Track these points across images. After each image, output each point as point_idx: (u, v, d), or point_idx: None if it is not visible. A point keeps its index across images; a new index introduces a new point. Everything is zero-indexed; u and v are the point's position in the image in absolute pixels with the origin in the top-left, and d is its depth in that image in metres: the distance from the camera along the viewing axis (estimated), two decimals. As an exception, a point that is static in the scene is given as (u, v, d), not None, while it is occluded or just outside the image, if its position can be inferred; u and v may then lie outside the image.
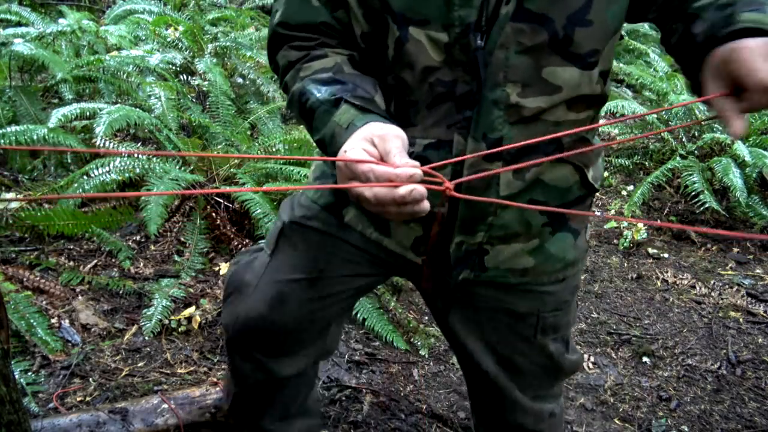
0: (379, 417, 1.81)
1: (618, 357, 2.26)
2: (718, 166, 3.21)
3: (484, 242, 0.97)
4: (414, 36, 0.85)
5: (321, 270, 1.06)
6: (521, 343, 1.09)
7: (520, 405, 1.15)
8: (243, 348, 1.14)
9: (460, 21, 0.82)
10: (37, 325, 1.81)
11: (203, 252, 2.32)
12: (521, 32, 0.82)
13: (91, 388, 1.73)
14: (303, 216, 1.06)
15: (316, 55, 0.92)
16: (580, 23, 0.83)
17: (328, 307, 1.10)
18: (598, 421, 1.94)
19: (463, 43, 0.83)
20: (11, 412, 0.98)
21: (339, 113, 0.83)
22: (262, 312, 1.07)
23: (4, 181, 2.43)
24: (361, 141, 0.77)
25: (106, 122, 2.20)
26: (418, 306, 2.39)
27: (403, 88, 0.91)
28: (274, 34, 0.96)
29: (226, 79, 3.04)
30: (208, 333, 2.03)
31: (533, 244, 0.99)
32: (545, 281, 1.04)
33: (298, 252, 1.07)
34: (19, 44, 2.61)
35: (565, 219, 1.01)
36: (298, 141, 2.69)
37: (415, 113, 0.91)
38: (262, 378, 1.16)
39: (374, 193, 0.72)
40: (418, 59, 0.86)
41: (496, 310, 1.07)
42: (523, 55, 0.84)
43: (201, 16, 3.83)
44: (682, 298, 2.69)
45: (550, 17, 0.82)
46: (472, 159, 0.88)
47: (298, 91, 0.90)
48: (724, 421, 1.98)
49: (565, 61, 0.86)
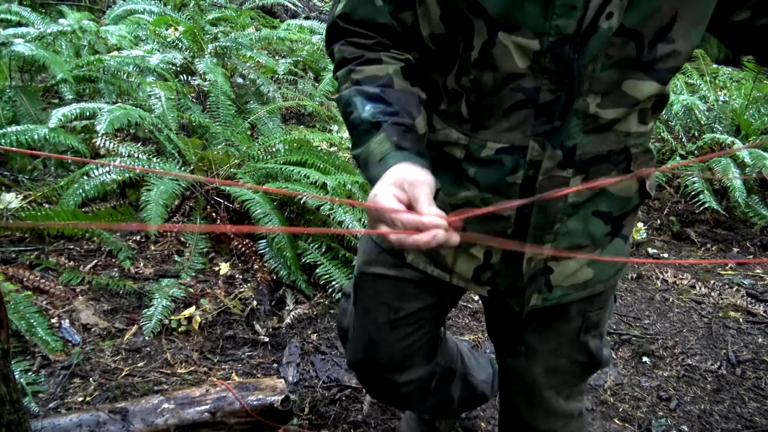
0: (379, 417, 1.81)
1: (618, 357, 2.26)
2: (718, 167, 3.21)
3: (549, 258, 0.99)
4: (502, 41, 0.84)
5: (396, 311, 1.13)
6: (566, 344, 1.10)
7: (554, 409, 1.16)
8: (366, 375, 1.28)
9: (556, 30, 0.81)
10: (37, 325, 1.81)
11: (203, 252, 2.32)
12: (613, 46, 0.83)
13: (91, 388, 1.73)
14: (366, 263, 1.15)
15: (370, 58, 0.93)
16: (665, 40, 0.84)
17: (415, 342, 1.18)
18: (598, 421, 1.94)
19: (556, 52, 0.83)
20: (11, 412, 0.98)
21: (375, 141, 0.85)
22: (364, 356, 1.22)
23: (4, 181, 2.43)
24: (390, 186, 0.78)
25: (107, 120, 2.20)
26: (418, 306, 2.39)
27: (479, 91, 0.90)
28: (333, 25, 0.97)
29: (227, 79, 3.04)
30: (208, 333, 2.03)
31: (594, 255, 1.01)
32: (601, 290, 1.05)
33: (372, 299, 1.16)
34: (19, 44, 2.61)
35: (621, 226, 1.02)
36: (298, 141, 2.69)
37: (488, 116, 0.91)
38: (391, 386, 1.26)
39: (399, 239, 0.75)
40: (502, 64, 0.86)
41: (551, 318, 1.08)
42: (610, 67, 0.84)
43: (201, 16, 3.83)
44: (682, 298, 2.69)
45: (641, 32, 0.82)
46: (548, 165, 0.89)
47: (345, 99, 0.92)
48: (724, 421, 1.98)
49: (646, 75, 0.86)
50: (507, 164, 0.90)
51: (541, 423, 1.18)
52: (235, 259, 2.36)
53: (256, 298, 2.19)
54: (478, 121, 0.92)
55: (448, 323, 2.32)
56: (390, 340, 1.16)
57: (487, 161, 0.92)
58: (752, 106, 3.90)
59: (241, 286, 2.24)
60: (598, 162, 0.91)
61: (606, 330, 1.17)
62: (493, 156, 0.92)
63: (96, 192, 2.21)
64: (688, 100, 3.75)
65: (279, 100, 3.30)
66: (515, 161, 0.90)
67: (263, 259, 2.29)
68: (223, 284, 2.23)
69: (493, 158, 0.92)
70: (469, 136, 0.93)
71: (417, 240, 0.73)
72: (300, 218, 2.45)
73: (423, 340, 1.19)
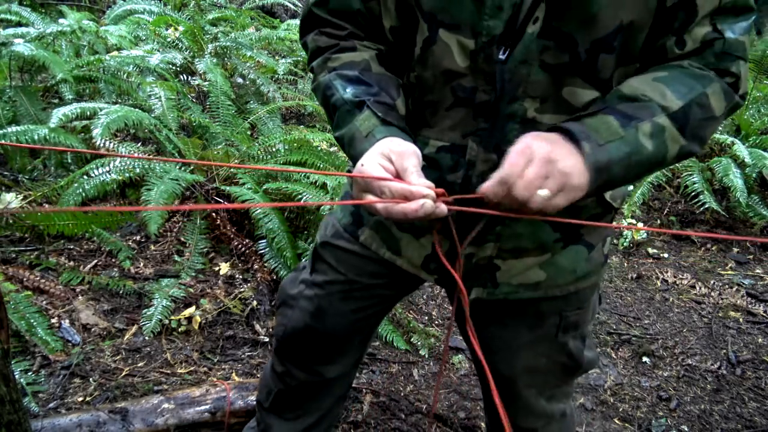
0: (379, 417, 1.81)
1: (618, 357, 2.26)
2: (718, 167, 3.21)
3: (494, 256, 0.97)
4: (443, 39, 0.85)
5: (351, 282, 1.11)
6: (543, 342, 1.09)
7: (533, 408, 1.15)
8: (292, 354, 1.23)
9: (487, 31, 0.82)
10: (37, 325, 1.81)
11: (203, 252, 2.32)
12: (546, 50, 0.83)
13: (91, 388, 1.73)
14: (332, 235, 1.12)
15: (345, 46, 0.94)
16: (606, 50, 0.83)
17: (363, 319, 1.16)
18: (598, 421, 1.94)
19: (487, 53, 0.84)
20: (11, 412, 0.98)
21: (361, 118, 0.85)
22: (306, 323, 1.16)
23: (4, 181, 2.43)
24: (378, 156, 0.79)
25: (103, 123, 2.20)
26: (418, 306, 2.40)
27: (423, 88, 0.91)
28: (309, 14, 0.98)
29: (227, 79, 3.04)
30: (208, 333, 2.03)
31: (545, 258, 0.99)
32: (557, 294, 1.03)
33: (331, 269, 1.13)
34: (19, 44, 2.61)
35: (578, 233, 1.00)
36: (298, 141, 2.69)
37: (432, 114, 0.92)
38: (311, 380, 1.24)
39: (386, 208, 0.75)
40: (443, 62, 0.87)
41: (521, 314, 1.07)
42: (544, 72, 0.84)
43: (201, 16, 3.83)
44: (682, 298, 2.69)
45: (575, 39, 0.82)
46: (481, 168, 0.89)
47: (324, 84, 0.92)
48: (724, 420, 1.98)
49: (587, 84, 0.86)
50: (446, 163, 0.90)
51: (521, 421, 1.17)
52: (235, 259, 2.36)
53: (256, 298, 2.19)
54: (421, 118, 0.93)
55: (448, 323, 2.32)
56: (340, 310, 1.13)
57: (428, 159, 0.92)
58: (752, 106, 3.90)
59: (241, 286, 2.24)
60: None
61: (589, 332, 1.15)
62: (434, 154, 0.92)
63: (96, 192, 2.20)
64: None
65: (279, 100, 3.30)
66: (454, 160, 0.90)
67: (263, 259, 2.29)
68: (223, 284, 2.23)
69: (434, 156, 0.92)
70: (413, 134, 0.93)
71: (405, 208, 0.73)
72: (300, 218, 2.45)
73: (371, 320, 1.18)
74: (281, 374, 1.26)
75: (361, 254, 1.08)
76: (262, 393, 1.34)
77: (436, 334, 2.22)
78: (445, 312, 2.40)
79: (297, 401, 1.29)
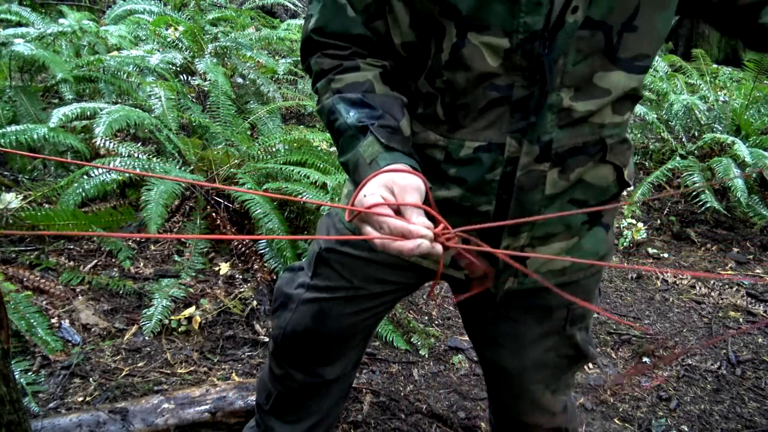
0: (379, 417, 1.81)
1: (618, 357, 2.26)
2: (719, 167, 3.21)
3: (525, 244, 0.99)
4: (471, 41, 0.85)
5: (356, 289, 1.11)
6: (551, 336, 1.10)
7: (539, 403, 1.16)
8: (291, 356, 1.23)
9: (525, 28, 0.83)
10: (37, 325, 1.81)
11: (203, 252, 2.32)
12: (581, 39, 0.84)
13: (91, 388, 1.73)
14: (338, 241, 1.13)
15: (348, 66, 0.93)
16: (629, 29, 0.85)
17: (365, 320, 1.17)
18: (598, 421, 1.94)
19: (527, 49, 0.84)
20: (11, 412, 0.98)
21: (364, 144, 0.85)
22: (307, 326, 1.17)
23: (4, 181, 2.43)
24: (380, 188, 0.78)
25: (106, 123, 2.20)
26: (418, 306, 2.40)
27: (453, 91, 0.91)
28: (307, 39, 0.97)
29: (227, 79, 3.04)
30: (208, 333, 2.03)
31: (572, 243, 1.02)
32: (581, 277, 1.06)
33: (336, 274, 1.13)
34: (19, 44, 2.61)
35: (600, 215, 1.04)
36: (298, 141, 2.69)
37: (464, 116, 0.92)
38: (311, 381, 1.24)
39: (383, 243, 0.75)
40: (474, 64, 0.87)
41: (529, 308, 1.09)
42: (581, 61, 0.86)
43: (201, 16, 3.83)
44: (682, 298, 2.69)
45: (609, 24, 0.84)
46: (525, 161, 0.91)
47: (328, 108, 0.92)
48: (724, 420, 1.98)
49: (613, 65, 0.88)
50: (485, 162, 0.92)
51: (529, 417, 1.18)
52: (235, 259, 2.36)
53: (256, 298, 2.19)
54: (454, 122, 0.93)
55: (448, 323, 2.32)
56: (342, 313, 1.14)
57: (466, 161, 0.93)
58: (752, 106, 3.90)
59: (241, 286, 2.24)
60: (574, 154, 0.93)
61: (590, 324, 1.18)
62: (471, 155, 0.93)
63: (96, 192, 2.20)
64: (688, 100, 3.75)
65: (279, 100, 3.30)
66: (493, 159, 0.91)
67: (263, 259, 2.29)
68: (223, 284, 2.23)
69: (471, 157, 0.93)
70: (447, 137, 0.94)
71: (401, 246, 0.73)
72: (300, 218, 2.45)
73: (369, 322, 1.19)
74: (280, 377, 1.26)
75: (369, 260, 1.09)
76: (261, 395, 1.35)
77: (436, 334, 2.22)
78: (445, 312, 2.40)
79: (298, 403, 1.29)
